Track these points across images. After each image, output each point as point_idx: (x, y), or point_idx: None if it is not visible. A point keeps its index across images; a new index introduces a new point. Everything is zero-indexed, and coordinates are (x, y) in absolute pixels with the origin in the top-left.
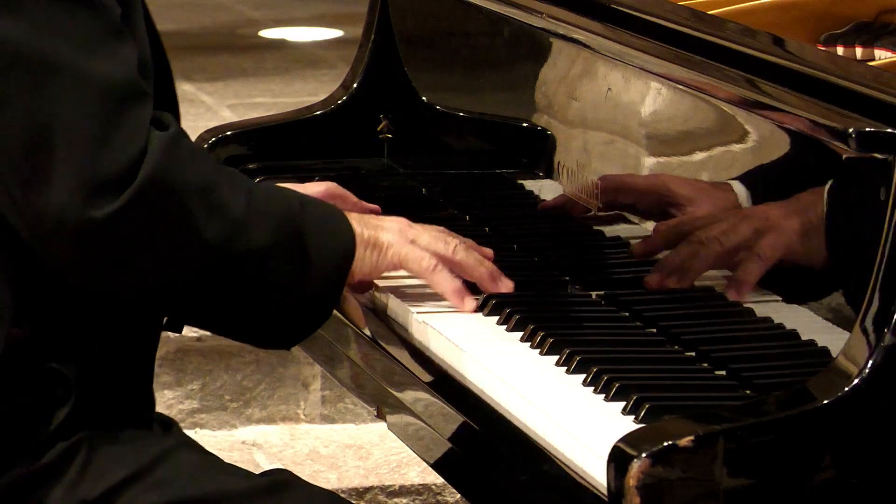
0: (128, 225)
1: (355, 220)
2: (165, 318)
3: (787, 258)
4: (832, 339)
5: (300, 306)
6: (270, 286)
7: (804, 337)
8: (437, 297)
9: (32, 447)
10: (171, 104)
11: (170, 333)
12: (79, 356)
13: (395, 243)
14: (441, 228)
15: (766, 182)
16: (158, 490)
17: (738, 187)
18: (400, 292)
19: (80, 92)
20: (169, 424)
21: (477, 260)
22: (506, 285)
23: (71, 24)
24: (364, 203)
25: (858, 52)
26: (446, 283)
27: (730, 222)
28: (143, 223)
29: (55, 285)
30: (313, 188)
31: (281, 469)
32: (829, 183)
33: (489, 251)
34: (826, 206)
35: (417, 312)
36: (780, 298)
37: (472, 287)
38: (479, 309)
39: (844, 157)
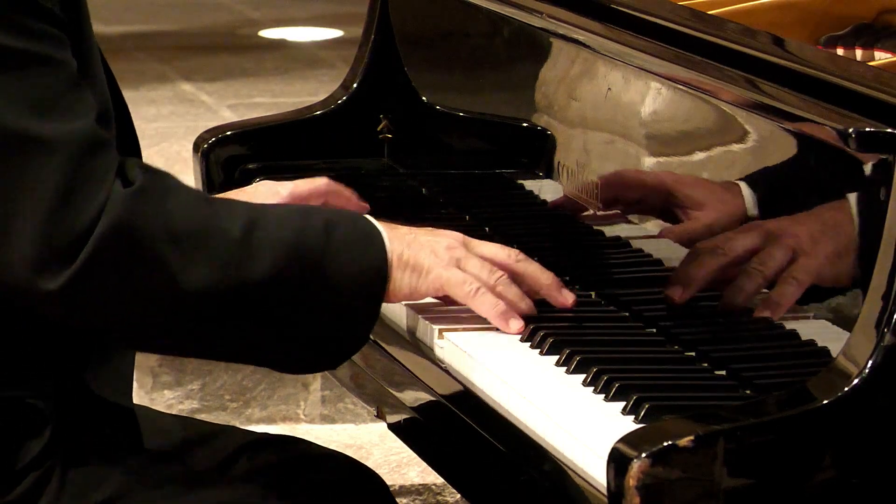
0: (89, 284)
1: (397, 238)
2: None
3: (819, 279)
4: (832, 339)
5: (328, 331)
6: (283, 316)
7: (804, 337)
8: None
9: (4, 479)
10: (131, 143)
11: None
12: (53, 390)
13: (436, 266)
14: (498, 245)
15: (766, 182)
16: None
17: (740, 186)
18: None
19: (37, 157)
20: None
21: (517, 296)
22: (566, 298)
23: (23, 88)
24: (360, 202)
25: (858, 53)
26: (488, 307)
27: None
28: (106, 279)
29: (27, 321)
30: (306, 185)
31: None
32: (831, 184)
33: (550, 274)
34: (825, 206)
35: (418, 313)
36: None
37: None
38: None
39: (844, 157)
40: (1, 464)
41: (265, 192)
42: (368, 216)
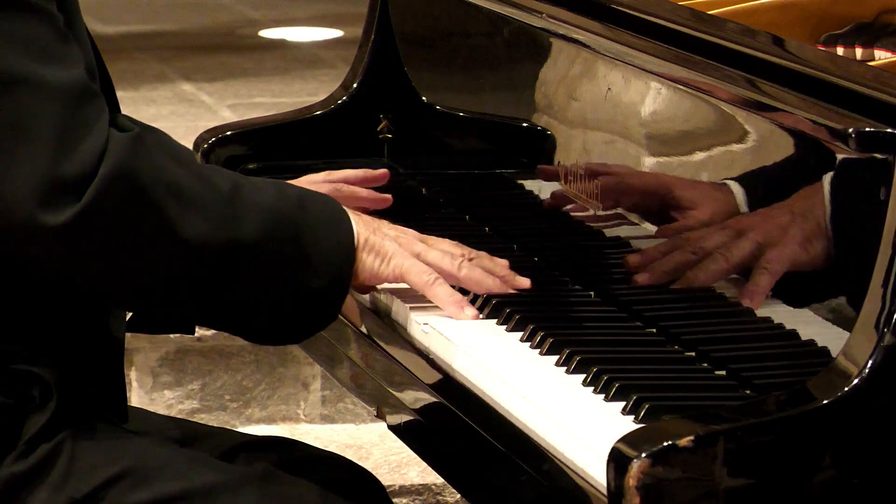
0: (93, 225)
1: (363, 223)
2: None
3: (792, 265)
4: (832, 339)
5: (300, 303)
6: (264, 281)
7: (804, 337)
8: None
9: (14, 450)
10: (113, 104)
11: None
12: (56, 359)
13: (398, 254)
14: (453, 242)
15: (766, 182)
16: (145, 487)
17: (737, 188)
18: (401, 293)
19: (38, 97)
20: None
21: (482, 274)
22: (521, 283)
23: (19, 33)
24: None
25: (858, 52)
26: (444, 296)
27: (733, 234)
28: (109, 223)
29: (28, 289)
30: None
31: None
32: (829, 183)
33: (503, 261)
34: (826, 206)
35: (418, 313)
36: (780, 300)
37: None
38: (479, 309)
39: (844, 157)
40: (8, 433)
41: None
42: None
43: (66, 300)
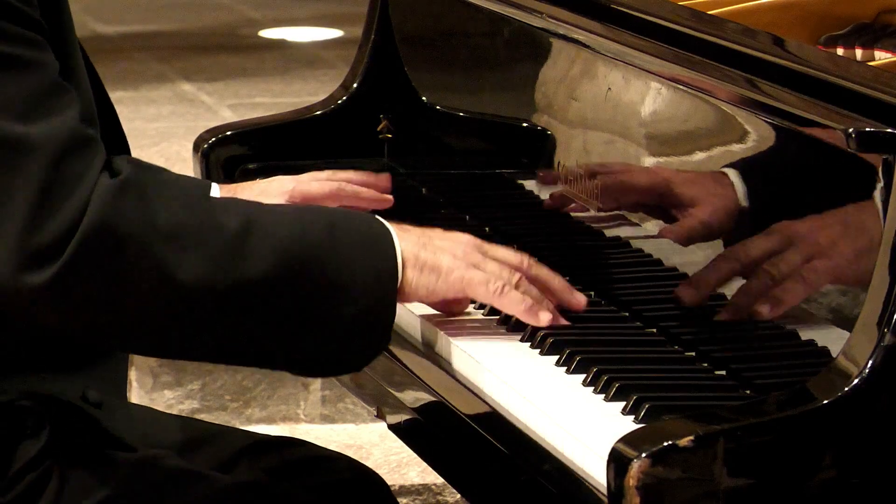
0: (76, 280)
1: (411, 240)
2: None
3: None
4: (832, 339)
5: (337, 332)
6: (285, 316)
7: (804, 337)
8: None
9: (2, 481)
10: (120, 144)
11: None
12: (50, 393)
13: (457, 267)
14: (510, 251)
15: (765, 183)
16: None
17: (738, 184)
18: None
19: (20, 157)
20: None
21: (539, 295)
22: (578, 300)
23: (4, 91)
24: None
25: (858, 53)
26: (515, 303)
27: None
28: (94, 275)
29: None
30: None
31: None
32: (831, 185)
33: (557, 278)
34: (825, 206)
35: (419, 314)
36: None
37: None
38: (479, 309)
39: (844, 157)
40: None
41: (276, 189)
42: (378, 217)
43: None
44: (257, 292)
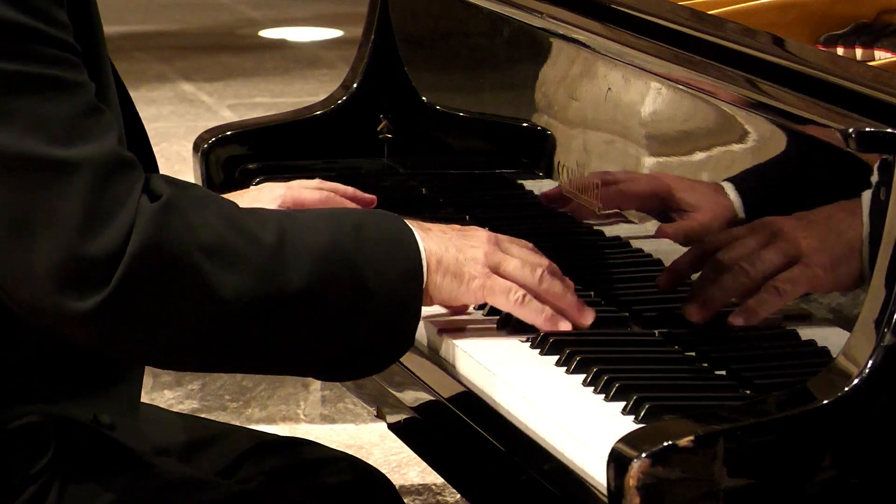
0: (124, 306)
1: (434, 240)
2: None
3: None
4: (832, 339)
5: (366, 337)
6: (323, 324)
7: (804, 337)
8: None
9: (3, 493)
10: (148, 160)
11: None
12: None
13: (479, 274)
14: (527, 247)
15: (765, 182)
16: None
17: (732, 189)
18: None
19: (62, 181)
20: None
21: (563, 287)
22: (587, 317)
23: (43, 114)
24: (366, 195)
25: (858, 52)
26: (536, 314)
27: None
28: (142, 300)
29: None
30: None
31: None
32: (831, 185)
33: (570, 283)
34: (826, 206)
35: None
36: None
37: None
38: (478, 310)
39: (844, 157)
40: (3, 478)
41: (267, 196)
42: (399, 216)
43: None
44: (295, 302)
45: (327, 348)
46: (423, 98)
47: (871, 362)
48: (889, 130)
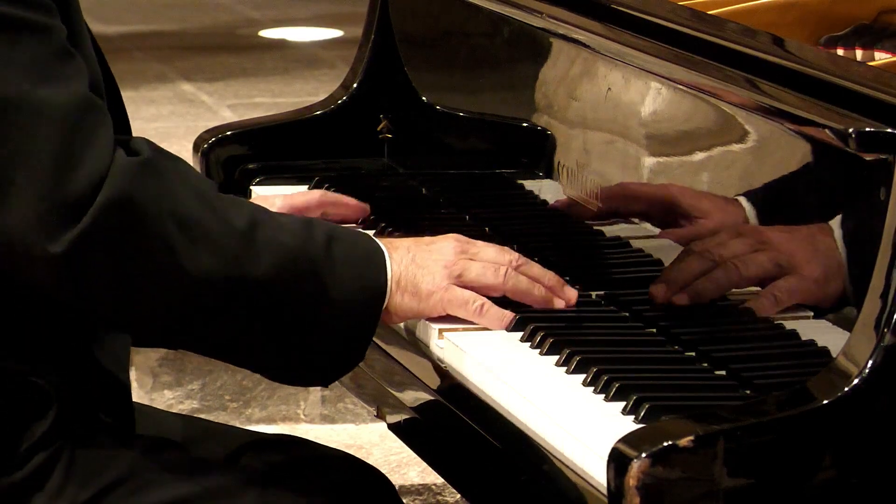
0: (91, 251)
1: (397, 259)
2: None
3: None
4: (832, 339)
5: (318, 346)
6: (277, 321)
7: (804, 337)
8: None
9: (12, 459)
10: (122, 121)
11: None
12: (56, 368)
13: (437, 289)
14: (499, 248)
15: (764, 182)
16: (145, 492)
17: (738, 183)
18: None
19: (35, 120)
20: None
21: (528, 283)
22: (568, 296)
23: (16, 54)
24: (359, 204)
25: (858, 53)
26: (496, 321)
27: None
28: (108, 249)
29: (29, 298)
30: (301, 197)
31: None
32: (831, 185)
33: (541, 271)
34: (826, 206)
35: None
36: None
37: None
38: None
39: (844, 157)
40: (6, 443)
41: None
42: (372, 235)
43: (66, 311)
44: (256, 292)
45: (279, 346)
46: (423, 98)
47: (871, 362)
48: (889, 130)
